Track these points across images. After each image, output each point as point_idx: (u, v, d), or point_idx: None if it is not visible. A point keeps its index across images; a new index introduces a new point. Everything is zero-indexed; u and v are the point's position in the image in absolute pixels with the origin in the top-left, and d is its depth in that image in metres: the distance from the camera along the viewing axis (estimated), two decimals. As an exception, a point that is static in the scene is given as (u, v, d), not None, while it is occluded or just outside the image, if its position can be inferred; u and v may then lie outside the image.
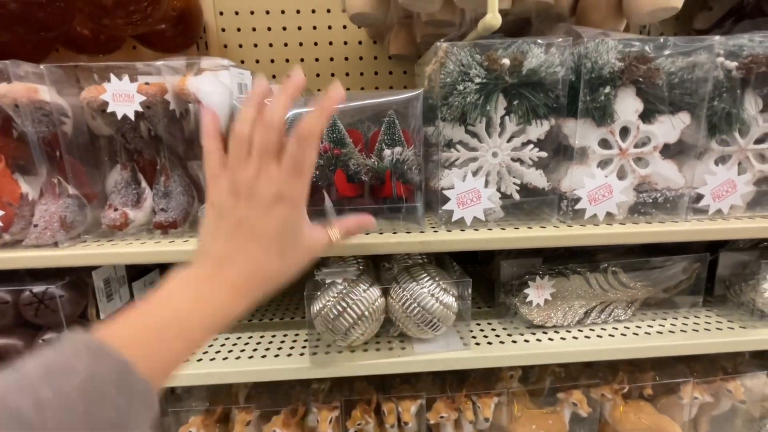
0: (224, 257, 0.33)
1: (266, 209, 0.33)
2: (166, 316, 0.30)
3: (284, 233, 0.35)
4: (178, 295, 0.31)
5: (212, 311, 0.31)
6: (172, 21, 0.77)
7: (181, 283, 0.32)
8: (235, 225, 0.34)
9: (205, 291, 0.32)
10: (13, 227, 0.49)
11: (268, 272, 0.35)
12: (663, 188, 0.52)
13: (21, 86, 0.45)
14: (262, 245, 0.34)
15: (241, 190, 0.34)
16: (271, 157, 0.34)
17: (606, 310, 0.60)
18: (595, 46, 0.48)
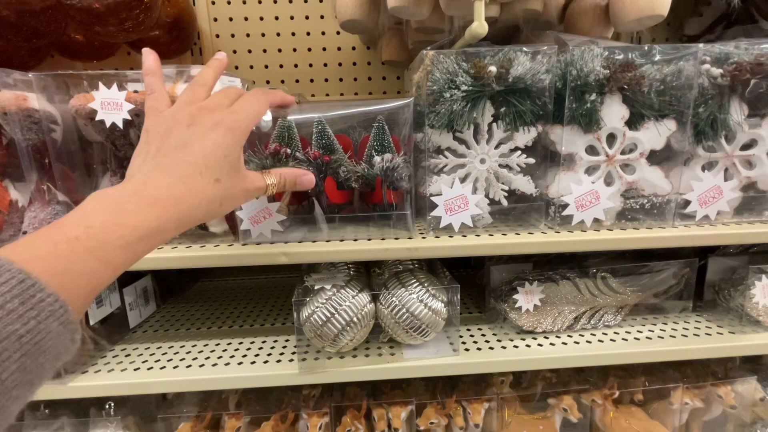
0: (150, 177, 0.32)
1: (205, 132, 0.34)
2: (77, 231, 0.27)
3: (222, 158, 0.34)
4: (93, 213, 0.28)
5: (133, 227, 0.29)
6: (165, 27, 0.78)
7: (96, 201, 0.29)
8: (171, 147, 0.33)
9: (123, 207, 0.29)
10: (2, 234, 0.50)
11: (200, 194, 0.33)
12: (650, 194, 0.52)
13: (10, 94, 0.46)
14: (195, 164, 0.33)
15: (184, 117, 0.35)
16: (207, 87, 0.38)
17: (596, 316, 0.60)
18: (580, 54, 0.48)
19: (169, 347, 0.60)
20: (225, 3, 0.88)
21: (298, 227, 0.52)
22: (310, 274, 0.57)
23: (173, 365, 0.55)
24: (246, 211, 0.49)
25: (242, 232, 0.50)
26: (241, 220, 0.49)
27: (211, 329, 0.66)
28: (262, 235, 0.50)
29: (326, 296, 0.52)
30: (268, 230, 0.50)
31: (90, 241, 0.27)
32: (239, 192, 0.37)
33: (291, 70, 0.91)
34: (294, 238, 0.51)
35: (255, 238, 0.50)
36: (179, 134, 0.34)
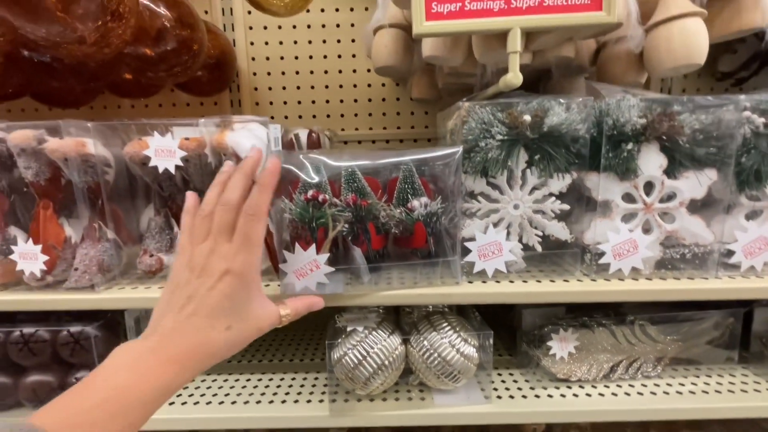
0: (170, 330, 0.34)
1: (214, 283, 0.36)
2: (103, 395, 0.30)
3: (231, 306, 0.36)
4: (118, 371, 0.31)
5: (152, 386, 0.31)
6: (208, 68, 0.83)
7: (122, 358, 0.32)
8: (186, 299, 0.35)
9: (146, 366, 0.32)
10: (56, 269, 0.53)
11: (214, 344, 0.35)
12: (691, 244, 0.51)
13: (71, 141, 0.49)
14: (208, 317, 0.35)
15: (195, 266, 0.36)
16: (225, 236, 0.37)
17: (633, 365, 0.58)
18: (616, 104, 0.48)
19: (201, 381, 0.61)
20: (263, 43, 0.93)
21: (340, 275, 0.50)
22: (342, 314, 0.57)
23: (206, 401, 0.56)
24: (291, 263, 0.46)
25: (285, 284, 0.47)
26: (285, 273, 0.47)
27: (241, 362, 0.67)
28: (307, 288, 0.47)
29: (358, 338, 0.52)
30: (314, 283, 0.47)
31: (115, 405, 0.29)
32: (253, 331, 0.38)
33: (323, 106, 0.94)
34: (335, 289, 0.48)
35: (299, 291, 0.47)
36: (192, 285, 0.36)
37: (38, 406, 0.56)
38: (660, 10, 0.53)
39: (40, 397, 0.56)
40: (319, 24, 0.91)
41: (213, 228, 0.37)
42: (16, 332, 0.55)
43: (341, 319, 0.55)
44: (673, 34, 0.51)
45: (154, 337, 0.34)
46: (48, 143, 0.49)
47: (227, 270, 0.36)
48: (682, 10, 0.51)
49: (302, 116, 0.95)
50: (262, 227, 0.38)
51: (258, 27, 0.91)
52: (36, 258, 0.50)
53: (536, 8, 0.47)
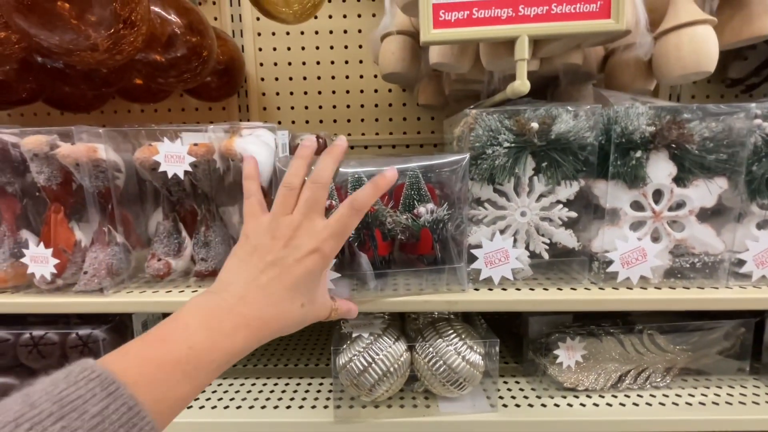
0: (247, 293, 0.34)
1: (302, 257, 0.35)
2: (180, 353, 0.29)
3: (310, 285, 0.36)
4: (196, 330, 0.31)
5: (225, 351, 0.31)
6: (217, 74, 0.84)
7: (198, 315, 0.32)
8: (268, 264, 0.35)
9: (222, 328, 0.31)
10: (66, 273, 0.53)
11: (288, 317, 0.35)
12: (701, 253, 0.50)
13: (82, 147, 0.50)
14: (289, 289, 0.35)
15: (282, 234, 0.36)
16: (316, 213, 0.37)
17: (642, 375, 0.57)
18: (624, 112, 0.48)
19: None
20: (271, 49, 0.94)
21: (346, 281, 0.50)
22: (347, 320, 0.57)
23: (211, 405, 0.56)
24: None
25: None
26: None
27: (246, 367, 0.67)
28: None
29: (363, 344, 0.52)
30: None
31: (188, 365, 0.29)
32: (312, 317, 0.38)
33: (329, 111, 0.95)
34: (341, 294, 0.48)
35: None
36: (276, 253, 0.35)
37: (46, 408, 0.57)
38: (669, 18, 0.53)
39: (48, 399, 0.56)
40: (327, 30, 0.92)
41: (301, 203, 0.37)
42: (26, 334, 0.56)
43: (347, 324, 0.55)
44: (682, 41, 0.51)
45: (229, 296, 0.33)
46: (60, 148, 0.50)
47: (317, 248, 0.35)
48: (691, 17, 0.51)
49: (309, 121, 0.96)
50: (358, 220, 0.38)
51: (266, 33, 0.93)
52: (47, 261, 0.51)
53: (544, 16, 0.48)
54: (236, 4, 0.92)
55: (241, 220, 0.59)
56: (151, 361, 0.28)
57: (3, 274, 0.53)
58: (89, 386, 0.24)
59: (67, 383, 0.24)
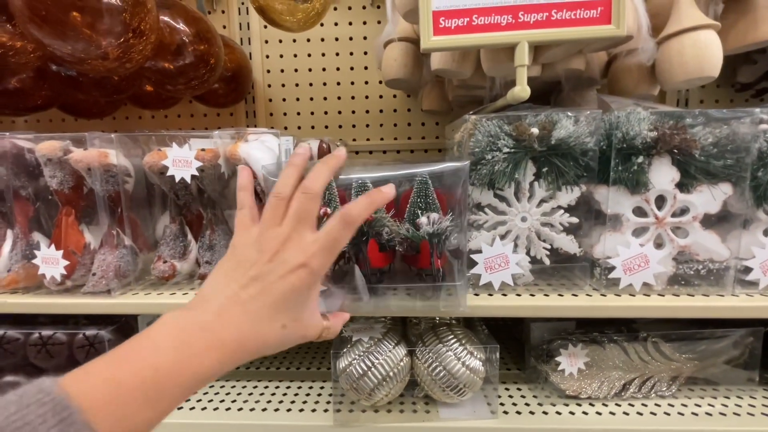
0: (224, 310, 0.31)
1: (287, 273, 0.33)
2: (145, 374, 0.27)
3: (294, 304, 0.33)
4: (164, 348, 0.28)
5: (194, 372, 0.28)
6: (225, 80, 0.85)
7: (169, 333, 0.29)
8: (249, 279, 0.33)
9: (193, 348, 0.29)
10: (75, 274, 0.55)
11: (266, 338, 0.32)
12: (705, 259, 0.50)
13: (95, 152, 0.52)
14: (270, 307, 0.32)
15: (268, 248, 0.33)
16: (306, 226, 0.35)
17: (647, 384, 0.56)
18: (626, 117, 0.48)
19: (208, 386, 0.62)
20: (278, 56, 0.95)
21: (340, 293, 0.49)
22: (348, 324, 0.57)
23: (213, 407, 0.57)
24: None
25: None
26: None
27: (248, 369, 0.68)
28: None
29: (363, 348, 0.53)
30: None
31: (152, 389, 0.27)
32: (297, 337, 0.35)
33: (335, 116, 0.96)
34: (333, 306, 0.47)
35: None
36: (260, 267, 0.33)
37: (54, 407, 0.58)
38: (672, 23, 0.53)
39: (56, 398, 0.58)
40: (333, 37, 0.94)
41: (291, 214, 0.35)
42: (35, 334, 0.57)
43: (347, 328, 0.56)
44: (685, 46, 0.51)
45: (205, 313, 0.31)
46: (73, 154, 0.51)
47: (304, 263, 0.33)
48: (694, 22, 0.51)
49: (314, 126, 0.97)
50: (350, 235, 0.35)
51: (273, 41, 0.94)
52: (57, 263, 0.52)
53: (544, 22, 0.48)
54: (244, 13, 0.94)
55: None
56: (112, 382, 0.26)
57: (15, 274, 0.55)
58: (40, 411, 0.23)
59: (18, 406, 0.23)
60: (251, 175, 0.41)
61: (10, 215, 0.57)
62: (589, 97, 0.66)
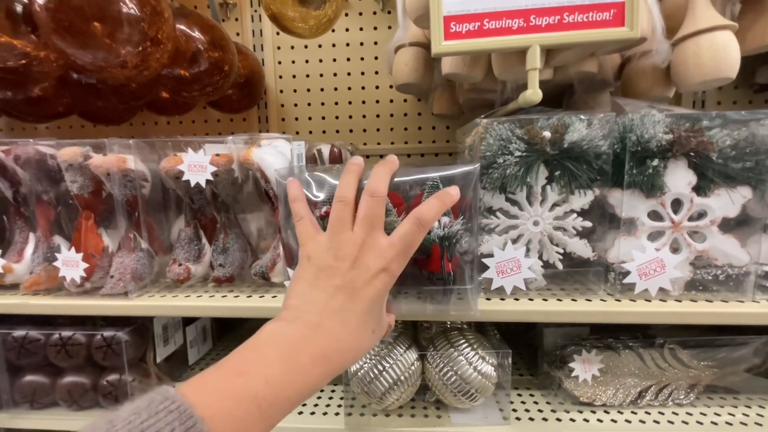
0: (322, 321, 0.32)
1: (371, 279, 0.33)
2: (258, 387, 0.28)
3: (379, 307, 0.34)
4: (273, 361, 0.29)
5: (301, 386, 0.29)
6: (238, 86, 0.87)
7: (276, 345, 0.30)
8: (337, 288, 0.33)
9: (298, 362, 0.29)
10: (93, 276, 0.56)
11: (361, 346, 0.33)
12: (724, 264, 0.48)
13: (113, 158, 0.53)
14: (361, 314, 0.33)
15: (345, 254, 0.33)
16: (378, 229, 0.35)
17: (664, 391, 0.55)
18: (640, 120, 0.47)
19: (222, 388, 0.63)
20: (290, 62, 0.97)
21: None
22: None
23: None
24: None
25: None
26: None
27: (261, 372, 0.68)
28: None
29: (374, 352, 0.53)
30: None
31: (264, 400, 0.27)
32: (378, 339, 0.36)
33: (346, 121, 0.97)
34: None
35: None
36: (344, 275, 0.33)
37: (73, 407, 0.60)
38: (687, 24, 0.52)
39: (74, 398, 0.59)
40: (344, 43, 0.95)
41: (361, 218, 0.35)
42: (55, 335, 0.59)
43: (359, 332, 0.56)
44: (701, 48, 0.50)
45: (302, 325, 0.31)
46: (93, 159, 0.53)
47: (385, 268, 0.33)
48: (710, 23, 0.50)
49: (326, 131, 0.98)
50: (423, 237, 0.36)
51: (285, 47, 0.96)
52: (77, 265, 0.53)
53: (556, 25, 0.48)
54: (257, 20, 0.96)
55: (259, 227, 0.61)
56: (229, 394, 0.27)
57: (37, 276, 0.57)
58: (168, 418, 0.24)
59: (149, 413, 0.24)
60: (300, 186, 0.41)
61: (32, 219, 0.59)
62: (602, 99, 0.66)
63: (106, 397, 0.59)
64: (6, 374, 0.59)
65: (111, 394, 0.58)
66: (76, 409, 0.60)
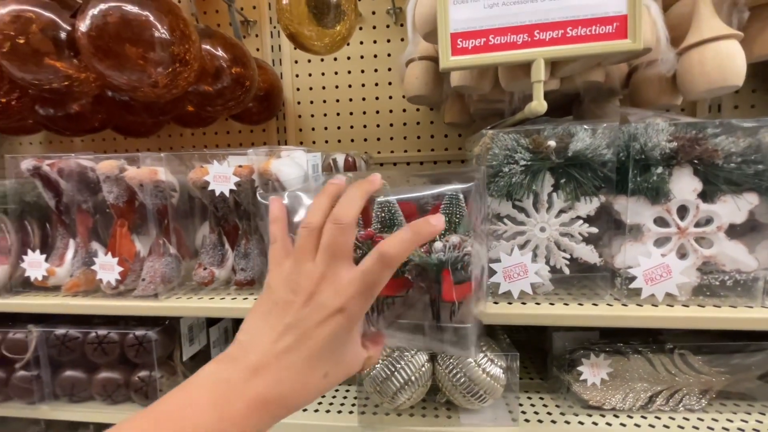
0: (263, 364, 0.29)
1: (325, 319, 0.30)
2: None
3: (334, 349, 0.30)
4: (203, 408, 0.27)
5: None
6: (258, 99, 0.91)
7: (210, 389, 0.28)
8: (287, 326, 0.30)
9: (232, 408, 0.27)
10: (127, 279, 0.61)
11: (307, 393, 0.30)
12: (732, 270, 0.49)
13: (146, 170, 0.58)
14: (309, 359, 0.29)
15: (302, 288, 0.30)
16: (340, 261, 0.31)
17: (675, 397, 0.55)
18: (644, 129, 0.48)
19: (243, 386, 0.66)
20: (306, 75, 1.01)
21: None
22: (372, 329, 0.60)
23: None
24: None
25: None
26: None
27: (279, 371, 0.71)
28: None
29: (386, 353, 0.55)
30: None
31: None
32: (341, 378, 0.32)
33: (360, 130, 1.00)
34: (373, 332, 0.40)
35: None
36: (296, 314, 0.30)
37: (107, 401, 0.65)
38: (692, 34, 0.53)
39: (108, 393, 0.64)
40: (358, 55, 0.98)
41: (322, 248, 0.31)
42: (92, 333, 0.64)
43: (371, 334, 0.58)
44: (705, 57, 0.51)
45: (243, 367, 0.29)
46: (128, 171, 0.58)
47: (341, 308, 0.30)
48: (715, 33, 0.51)
49: (341, 140, 1.02)
50: (390, 274, 0.31)
51: (302, 60, 1.00)
52: (113, 269, 0.58)
53: (560, 39, 0.49)
54: (276, 36, 1.01)
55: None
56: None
57: (76, 279, 0.62)
58: None
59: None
60: (283, 207, 0.37)
61: (72, 226, 0.64)
62: (609, 108, 0.67)
63: (138, 392, 0.63)
64: (49, 369, 0.64)
65: (142, 389, 0.63)
66: (110, 403, 0.65)
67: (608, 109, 0.66)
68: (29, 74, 0.61)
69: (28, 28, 0.59)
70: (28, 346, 0.64)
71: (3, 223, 0.65)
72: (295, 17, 0.67)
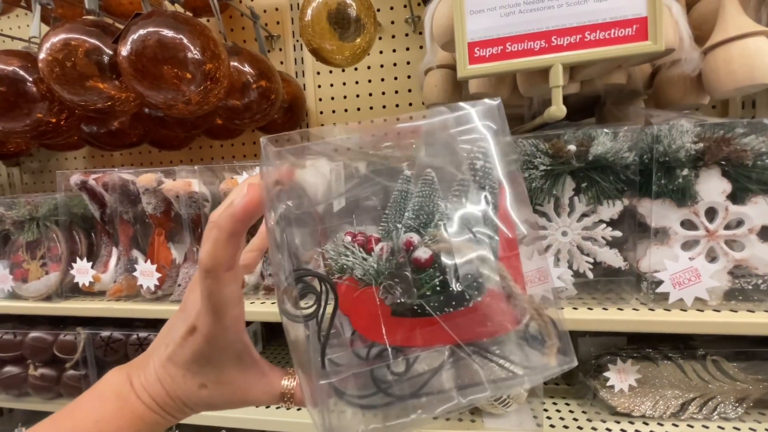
0: (149, 366, 0.28)
1: (185, 334, 0.27)
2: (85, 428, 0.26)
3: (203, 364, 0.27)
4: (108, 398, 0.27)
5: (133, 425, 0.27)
6: (282, 111, 0.95)
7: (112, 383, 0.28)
8: (165, 335, 0.29)
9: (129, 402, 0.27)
10: (164, 285, 0.65)
11: (189, 398, 0.28)
12: (765, 273, 0.47)
13: (182, 182, 0.61)
14: (181, 368, 0.27)
15: (184, 298, 0.29)
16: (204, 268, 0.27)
17: (709, 405, 0.54)
18: (667, 130, 0.48)
19: (272, 387, 0.69)
20: (328, 85, 1.04)
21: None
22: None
23: (275, 406, 0.63)
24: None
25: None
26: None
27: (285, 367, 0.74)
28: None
29: (410, 357, 0.56)
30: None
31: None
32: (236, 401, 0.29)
33: (381, 138, 1.02)
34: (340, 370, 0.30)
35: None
36: (171, 323, 0.29)
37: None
38: (717, 32, 0.52)
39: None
40: (378, 64, 1.00)
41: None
42: (133, 335, 0.68)
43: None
44: (732, 55, 0.50)
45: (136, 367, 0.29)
46: (165, 184, 0.62)
47: (193, 328, 0.27)
48: (741, 30, 0.50)
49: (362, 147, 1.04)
50: (221, 286, 0.24)
51: (324, 71, 1.03)
52: (152, 275, 0.62)
53: (577, 44, 0.50)
54: (299, 49, 1.05)
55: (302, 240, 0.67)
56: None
57: (119, 285, 0.66)
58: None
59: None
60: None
61: (115, 235, 0.69)
62: (632, 110, 0.66)
63: (174, 391, 0.67)
64: (95, 369, 0.69)
65: (178, 389, 0.66)
66: (150, 401, 0.69)
67: (631, 111, 0.65)
68: (77, 96, 0.67)
69: (75, 54, 0.64)
70: (77, 347, 0.69)
71: (54, 234, 0.70)
72: (317, 33, 0.70)
